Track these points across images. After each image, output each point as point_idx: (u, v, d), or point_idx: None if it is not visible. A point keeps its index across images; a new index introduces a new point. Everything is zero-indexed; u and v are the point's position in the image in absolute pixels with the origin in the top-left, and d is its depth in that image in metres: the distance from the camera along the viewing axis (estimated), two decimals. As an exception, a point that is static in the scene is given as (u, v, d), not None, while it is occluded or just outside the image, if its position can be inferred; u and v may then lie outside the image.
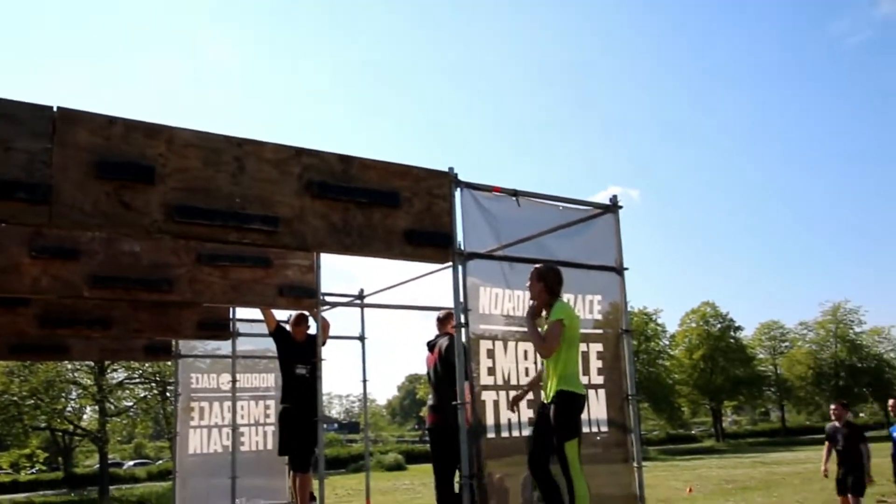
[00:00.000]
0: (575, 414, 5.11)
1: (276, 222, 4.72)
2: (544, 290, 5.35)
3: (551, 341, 5.21)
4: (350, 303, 9.03)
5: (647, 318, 55.11)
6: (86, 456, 50.24)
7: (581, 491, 4.95)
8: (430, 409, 6.81)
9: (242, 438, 10.73)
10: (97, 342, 9.97)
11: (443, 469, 6.69)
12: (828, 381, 57.97)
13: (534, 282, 5.39)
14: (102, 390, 32.08)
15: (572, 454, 4.99)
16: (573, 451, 5.00)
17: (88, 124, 4.20)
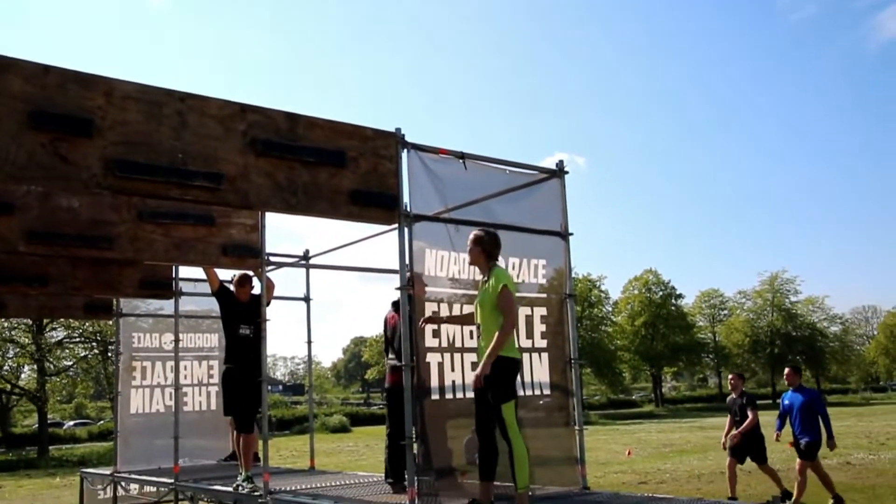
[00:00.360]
0: (512, 378, 5.17)
1: (220, 179, 4.63)
2: (482, 254, 5.37)
3: (512, 311, 5.24)
4: (295, 263, 8.96)
5: (591, 285, 55.91)
6: (24, 416, 49.30)
7: (520, 451, 5.02)
8: (390, 369, 6.75)
9: (185, 398, 10.64)
10: (35, 299, 9.74)
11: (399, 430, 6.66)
12: (763, 349, 59.72)
13: (472, 245, 5.40)
14: (41, 349, 31.41)
15: (510, 416, 5.06)
16: (510, 412, 5.07)
17: (22, 72, 4.04)
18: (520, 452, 5.01)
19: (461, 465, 5.76)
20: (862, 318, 79.24)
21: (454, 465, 5.74)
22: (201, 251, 7.19)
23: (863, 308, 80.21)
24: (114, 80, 4.37)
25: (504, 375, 5.04)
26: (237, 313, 7.63)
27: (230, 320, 7.63)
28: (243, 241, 7.45)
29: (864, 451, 16.99)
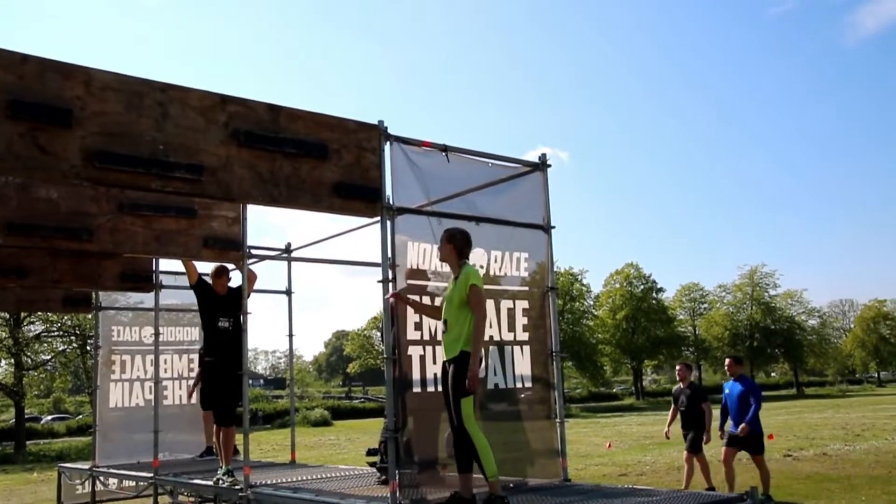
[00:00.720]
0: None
1: (201, 171, 4.59)
2: (453, 251, 5.40)
3: (483, 307, 5.30)
4: (277, 256, 8.93)
5: (573, 279, 56.15)
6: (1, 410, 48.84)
7: (481, 442, 5.11)
8: None
9: (165, 392, 10.60)
10: (12, 292, 9.64)
11: None
12: (743, 342, 60.23)
13: (443, 243, 5.41)
14: (18, 343, 31.07)
15: (468, 409, 5.13)
16: (469, 406, 5.14)
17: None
18: (482, 443, 5.09)
19: (443, 458, 5.77)
20: (839, 312, 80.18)
21: (437, 458, 5.75)
22: (182, 244, 7.13)
23: (840, 301, 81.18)
24: (93, 70, 4.32)
25: (463, 370, 5.09)
26: (216, 306, 7.59)
27: (209, 313, 7.60)
28: (225, 234, 7.39)
29: (840, 443, 17.19)
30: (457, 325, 5.18)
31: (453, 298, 5.24)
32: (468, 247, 5.45)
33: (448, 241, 5.39)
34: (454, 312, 5.22)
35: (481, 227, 6.11)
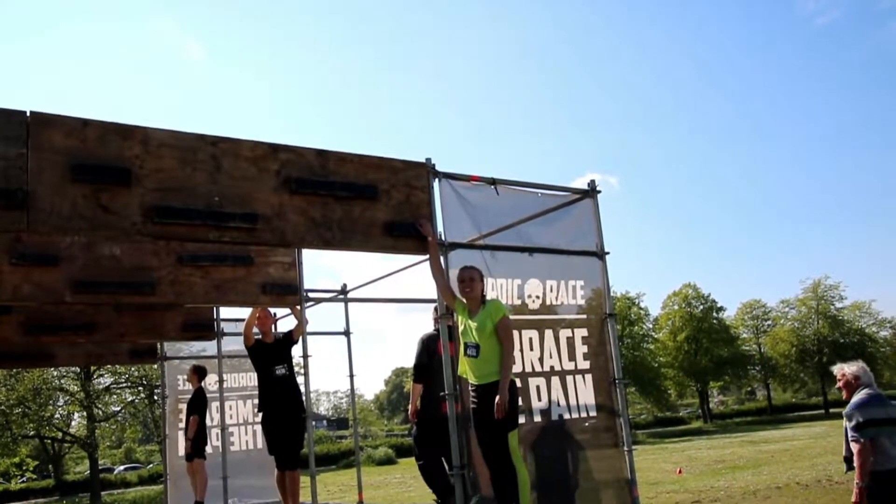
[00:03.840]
0: (517, 404, 5.25)
1: (255, 219, 4.72)
2: (483, 290, 5.45)
3: (512, 338, 5.35)
4: (334, 298, 9.03)
5: (630, 303, 55.37)
6: (76, 462, 50.00)
7: (524, 476, 5.12)
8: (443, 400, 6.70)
9: (232, 438, 10.71)
10: (82, 347, 9.92)
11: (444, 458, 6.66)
12: (811, 358, 58.45)
13: (477, 280, 5.44)
14: (89, 396, 31.82)
15: (514, 442, 5.14)
16: (515, 439, 5.15)
17: (62, 127, 4.17)
18: (523, 478, 5.10)
19: None
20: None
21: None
22: (241, 291, 7.28)
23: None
24: (149, 129, 4.49)
25: (509, 403, 5.07)
26: (269, 355, 7.68)
27: (265, 365, 7.68)
28: (282, 279, 7.53)
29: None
30: (492, 353, 5.20)
31: (486, 327, 5.25)
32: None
33: (482, 280, 5.47)
34: (487, 341, 5.24)
35: (535, 257, 6.11)
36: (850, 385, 5.72)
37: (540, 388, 5.93)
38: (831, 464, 16.42)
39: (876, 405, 5.51)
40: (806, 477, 14.29)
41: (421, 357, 6.76)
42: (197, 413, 9.96)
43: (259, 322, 7.79)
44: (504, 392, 5.01)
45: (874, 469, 5.38)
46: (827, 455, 18.88)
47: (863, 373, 5.71)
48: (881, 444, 5.40)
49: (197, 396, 9.99)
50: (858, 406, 5.54)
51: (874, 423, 5.42)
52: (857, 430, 5.47)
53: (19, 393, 30.21)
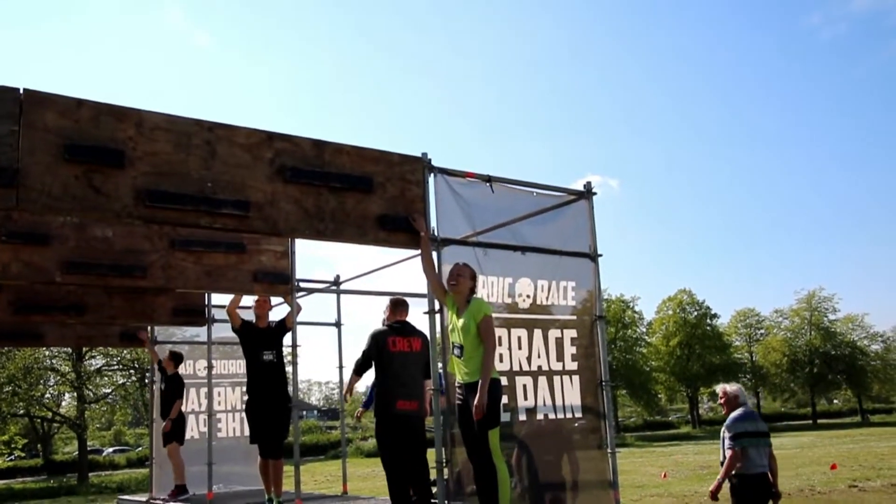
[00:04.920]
0: (498, 403, 5.27)
1: (248, 207, 4.70)
2: (471, 287, 5.46)
3: (493, 337, 5.34)
4: (326, 289, 9.02)
5: (625, 306, 55.43)
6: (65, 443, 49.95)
7: (504, 474, 5.14)
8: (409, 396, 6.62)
9: (219, 425, 10.71)
10: (72, 329, 9.90)
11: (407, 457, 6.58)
12: (802, 369, 58.59)
13: (465, 278, 5.44)
14: (80, 377, 31.85)
15: (495, 441, 5.16)
16: (496, 437, 5.17)
17: (56, 106, 4.15)
18: (503, 476, 5.12)
19: None
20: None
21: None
22: (232, 278, 7.28)
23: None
24: (144, 112, 4.47)
25: (491, 401, 5.08)
26: (259, 340, 7.65)
27: (253, 348, 7.65)
28: (273, 268, 7.53)
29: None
30: (476, 352, 5.22)
31: (470, 327, 5.25)
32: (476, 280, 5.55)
33: (472, 279, 5.46)
34: (471, 341, 5.25)
35: (527, 256, 6.11)
36: (731, 402, 6.83)
37: (527, 387, 5.94)
38: (815, 474, 16.47)
39: (749, 420, 6.69)
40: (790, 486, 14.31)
41: (369, 351, 6.59)
42: (178, 398, 10.00)
43: (257, 305, 7.76)
44: (483, 393, 5.01)
45: (742, 472, 6.52)
46: (812, 465, 18.92)
47: (740, 392, 6.91)
48: (749, 453, 6.54)
49: (175, 382, 10.01)
50: (736, 420, 6.65)
51: (747, 434, 6.57)
52: (733, 439, 6.57)
53: (10, 371, 30.21)
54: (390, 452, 6.57)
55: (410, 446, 6.55)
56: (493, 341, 5.28)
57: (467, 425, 5.21)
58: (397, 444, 6.54)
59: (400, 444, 6.54)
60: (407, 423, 6.50)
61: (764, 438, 6.70)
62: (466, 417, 5.18)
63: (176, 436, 10.00)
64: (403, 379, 6.51)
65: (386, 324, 6.78)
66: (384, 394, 6.48)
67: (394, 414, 6.44)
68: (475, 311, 5.27)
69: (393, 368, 6.49)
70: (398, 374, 6.49)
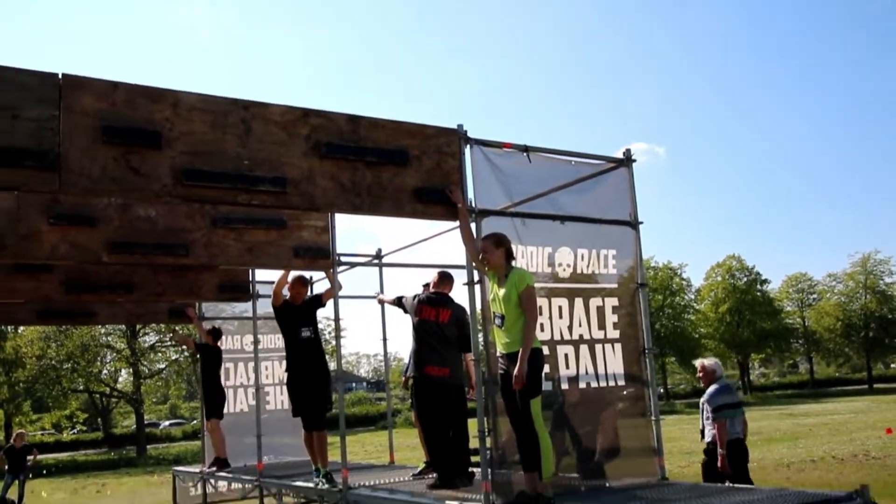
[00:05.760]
0: (539, 372, 5.23)
1: (285, 183, 4.74)
2: (504, 255, 5.36)
3: (534, 308, 5.27)
4: (367, 263, 9.06)
5: (672, 273, 54.78)
6: (123, 417, 51.48)
7: (546, 443, 5.11)
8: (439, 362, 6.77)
9: (267, 398, 10.90)
10: (122, 307, 10.15)
11: (442, 423, 6.75)
12: (857, 333, 57.41)
13: (492, 249, 5.34)
14: (135, 353, 32.73)
15: (537, 409, 5.12)
16: (538, 406, 5.13)
17: (93, 90, 4.22)
18: (546, 444, 5.10)
19: None
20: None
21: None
22: (273, 254, 7.36)
23: (964, 287, 76.11)
24: (180, 93, 4.52)
25: (532, 370, 5.05)
26: (296, 317, 7.72)
27: (291, 325, 7.72)
28: (314, 243, 7.59)
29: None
30: (517, 323, 5.18)
31: (511, 296, 5.20)
32: (512, 248, 5.43)
33: (498, 246, 5.34)
34: (513, 310, 5.20)
35: (567, 225, 6.06)
36: (709, 376, 7.49)
37: (568, 356, 5.92)
38: (870, 439, 16.21)
39: (727, 393, 7.35)
40: (842, 451, 14.13)
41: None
42: (210, 372, 10.23)
43: (294, 292, 7.82)
44: (523, 363, 5.00)
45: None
46: (866, 430, 18.62)
47: (718, 367, 7.61)
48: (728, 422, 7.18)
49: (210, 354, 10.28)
50: (716, 394, 7.31)
51: (727, 406, 7.24)
52: (715, 412, 7.21)
53: (68, 349, 31.20)
54: (425, 417, 6.86)
55: (447, 413, 6.70)
56: (534, 312, 5.25)
57: (509, 395, 5.21)
58: (433, 409, 6.77)
59: (435, 410, 6.76)
60: (439, 388, 6.71)
61: (739, 409, 7.45)
62: (508, 387, 5.19)
63: (215, 412, 10.24)
64: (432, 345, 6.81)
65: (425, 293, 7.03)
66: (416, 359, 6.89)
67: (424, 378, 6.78)
68: (517, 280, 5.24)
69: (421, 336, 6.86)
70: (426, 341, 6.84)
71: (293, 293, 7.77)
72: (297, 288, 7.82)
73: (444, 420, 6.74)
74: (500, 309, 5.27)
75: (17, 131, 3.97)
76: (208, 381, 10.38)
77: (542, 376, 5.29)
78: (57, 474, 24.40)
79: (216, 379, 10.40)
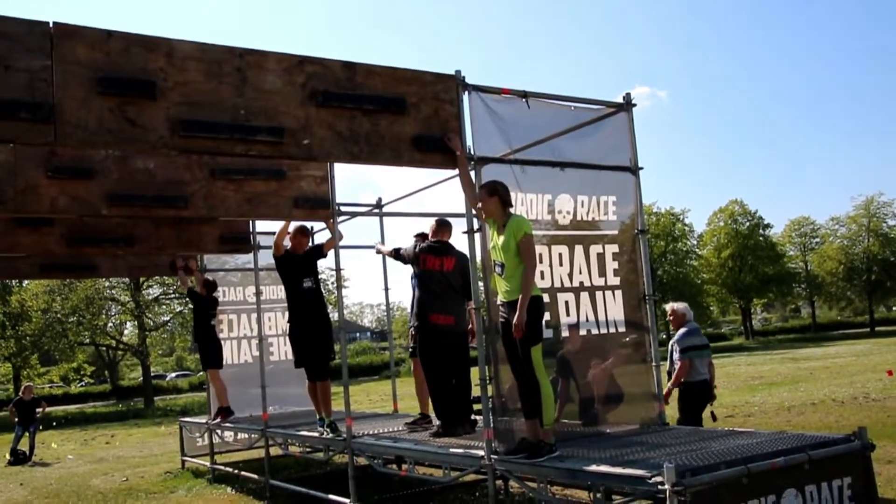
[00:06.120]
0: (540, 319, 5.23)
1: (282, 133, 4.70)
2: (499, 203, 5.28)
3: (533, 257, 5.23)
4: (367, 213, 9.04)
5: (675, 219, 54.67)
6: (130, 369, 52.04)
7: (547, 390, 5.13)
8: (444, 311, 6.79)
9: (271, 349, 10.98)
10: (124, 260, 10.19)
11: (446, 371, 6.80)
12: (859, 276, 57.53)
13: (486, 198, 5.28)
14: (140, 306, 32.92)
15: (538, 357, 5.12)
16: (538, 353, 5.13)
17: (86, 39, 4.16)
18: (546, 391, 5.11)
19: None
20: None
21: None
22: (273, 205, 7.35)
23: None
24: (174, 41, 4.45)
25: (532, 318, 5.05)
26: (298, 267, 7.73)
27: (292, 275, 7.73)
28: (314, 193, 7.57)
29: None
30: (516, 271, 5.16)
31: (510, 245, 5.17)
32: (509, 194, 5.34)
33: (491, 195, 5.26)
34: (512, 259, 5.18)
35: (566, 172, 6.02)
36: (678, 319, 7.80)
37: (569, 303, 5.94)
38: (870, 381, 16.35)
39: (695, 335, 7.68)
40: (843, 394, 14.26)
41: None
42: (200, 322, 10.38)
43: (295, 243, 7.82)
44: (522, 311, 5.00)
45: (687, 380, 7.47)
46: (867, 373, 18.78)
47: (687, 310, 7.88)
48: (694, 363, 7.49)
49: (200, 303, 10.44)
50: (684, 336, 7.60)
51: (693, 348, 7.54)
52: (682, 352, 7.47)
53: (73, 302, 31.38)
54: (430, 365, 6.85)
55: (451, 361, 6.74)
56: (533, 260, 5.23)
57: (510, 343, 5.23)
58: (437, 357, 6.79)
59: (439, 358, 6.78)
60: (444, 336, 6.74)
61: (706, 350, 7.73)
62: (509, 335, 5.20)
63: (213, 361, 10.33)
64: (436, 293, 6.82)
65: (426, 242, 6.95)
66: (420, 307, 6.87)
67: (429, 326, 6.78)
68: (515, 229, 5.20)
69: (425, 285, 6.85)
70: (431, 290, 6.84)
71: (294, 243, 7.77)
72: (299, 238, 7.82)
73: (448, 368, 6.79)
74: (500, 257, 5.26)
75: (9, 83, 3.92)
76: (199, 330, 10.45)
77: (542, 324, 5.30)
78: (66, 426, 24.74)
79: (208, 329, 10.44)
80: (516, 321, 5.00)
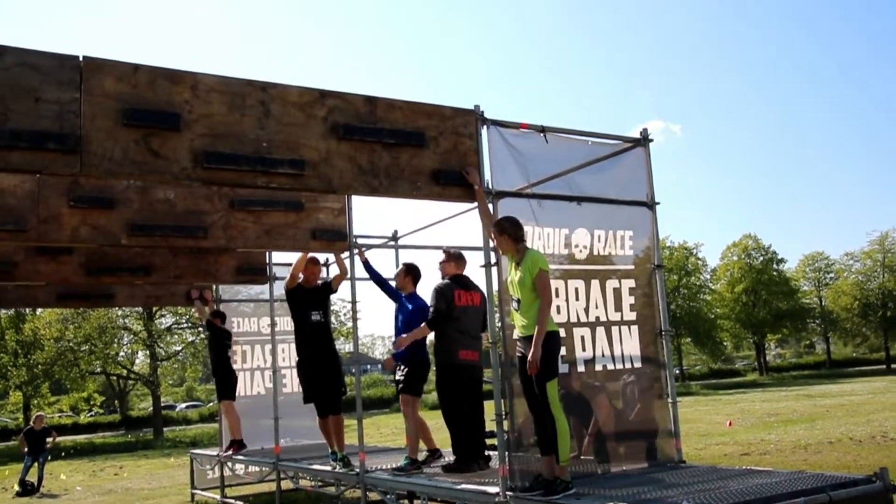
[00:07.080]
0: (555, 355, 5.21)
1: (303, 165, 4.75)
2: (510, 240, 5.31)
3: (548, 291, 5.22)
4: (384, 245, 9.07)
5: (688, 253, 54.51)
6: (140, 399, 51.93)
7: (563, 426, 5.09)
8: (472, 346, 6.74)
9: (284, 381, 10.94)
10: (141, 289, 10.24)
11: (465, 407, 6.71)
12: (875, 312, 57.01)
13: (497, 238, 5.33)
14: (152, 335, 32.95)
15: (553, 393, 5.10)
16: (554, 389, 5.12)
17: (114, 72, 4.24)
18: (562, 428, 5.07)
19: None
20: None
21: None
22: (291, 236, 7.40)
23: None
24: (199, 74, 4.53)
25: (547, 354, 5.04)
26: (307, 300, 7.75)
27: (302, 308, 7.75)
28: (332, 225, 7.62)
29: None
30: (532, 306, 5.17)
31: (525, 281, 5.19)
32: (520, 230, 5.35)
33: (501, 234, 5.30)
34: (528, 294, 5.19)
35: (583, 206, 6.04)
36: None
37: (584, 338, 5.92)
38: (888, 420, 16.14)
39: None
40: (860, 433, 14.07)
41: (440, 304, 6.63)
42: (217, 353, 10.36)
43: (307, 272, 7.86)
44: (537, 347, 5.00)
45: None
46: (885, 411, 18.54)
47: None
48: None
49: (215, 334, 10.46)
50: None
51: None
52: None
53: (86, 331, 31.43)
54: (452, 402, 6.73)
55: (470, 396, 6.69)
56: (548, 296, 5.23)
57: (526, 378, 5.22)
58: (459, 393, 6.69)
59: (461, 394, 6.69)
60: (469, 373, 6.67)
61: None
62: (525, 370, 5.19)
63: (226, 393, 10.32)
64: (466, 329, 6.69)
65: (448, 277, 6.86)
66: (447, 344, 6.65)
67: (457, 364, 6.63)
68: (530, 265, 5.22)
69: (457, 321, 6.64)
70: (461, 327, 6.65)
71: (307, 273, 7.82)
72: (311, 268, 7.88)
73: (469, 403, 6.74)
74: (517, 292, 5.27)
75: (39, 114, 3.99)
76: (215, 362, 10.45)
77: (558, 359, 5.29)
78: (75, 456, 24.67)
79: (224, 360, 10.44)
80: (531, 357, 5.00)
